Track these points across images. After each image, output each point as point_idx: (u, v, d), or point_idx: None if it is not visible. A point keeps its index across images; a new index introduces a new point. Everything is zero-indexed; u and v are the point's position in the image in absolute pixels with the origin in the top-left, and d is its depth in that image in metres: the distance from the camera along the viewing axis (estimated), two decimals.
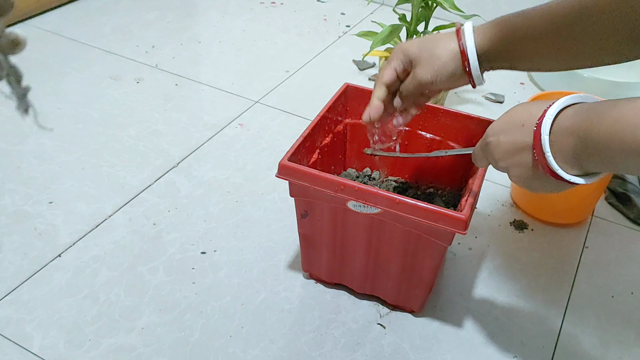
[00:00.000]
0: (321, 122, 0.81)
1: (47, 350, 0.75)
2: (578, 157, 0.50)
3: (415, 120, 0.82)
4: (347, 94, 0.86)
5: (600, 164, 0.49)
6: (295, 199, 0.76)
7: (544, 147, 0.51)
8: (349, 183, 0.69)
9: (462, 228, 0.66)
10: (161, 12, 1.57)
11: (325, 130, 0.84)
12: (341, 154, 0.91)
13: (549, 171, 0.52)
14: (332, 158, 0.87)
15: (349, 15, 1.62)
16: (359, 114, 0.82)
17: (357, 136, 0.88)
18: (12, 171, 1.02)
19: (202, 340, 0.77)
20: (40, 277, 0.84)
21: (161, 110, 1.20)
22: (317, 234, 0.78)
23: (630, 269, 0.91)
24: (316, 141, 0.82)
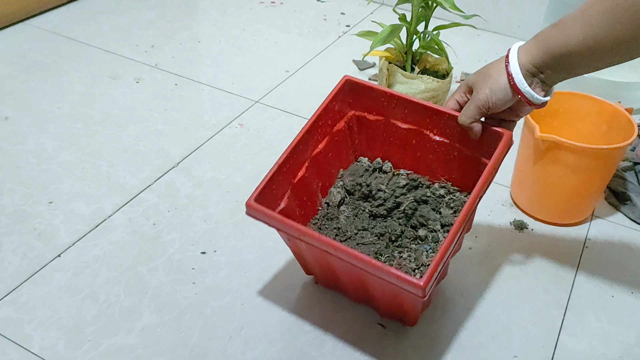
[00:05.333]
0: (312, 130, 0.78)
1: (47, 351, 0.75)
2: (540, 70, 0.65)
3: (424, 122, 0.80)
4: (347, 87, 0.83)
5: (557, 70, 0.64)
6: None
7: (514, 69, 0.65)
8: (305, 231, 0.66)
9: (421, 294, 0.61)
10: (161, 11, 1.57)
11: (320, 133, 0.80)
12: (350, 146, 0.86)
13: (518, 91, 0.66)
14: (334, 157, 0.84)
15: (349, 15, 1.62)
16: (363, 105, 0.83)
17: (366, 127, 0.85)
18: (11, 171, 1.02)
19: (202, 341, 0.77)
20: (39, 277, 0.84)
21: (161, 110, 1.20)
22: (303, 255, 0.78)
23: (630, 269, 0.91)
24: (304, 153, 0.78)
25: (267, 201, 0.72)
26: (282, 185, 0.75)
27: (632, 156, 1.07)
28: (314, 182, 0.81)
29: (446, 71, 1.13)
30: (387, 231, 0.78)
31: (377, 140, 0.85)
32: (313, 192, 0.81)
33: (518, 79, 0.65)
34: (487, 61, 1.44)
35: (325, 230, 0.80)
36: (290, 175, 0.77)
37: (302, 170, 0.78)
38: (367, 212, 0.81)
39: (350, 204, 0.83)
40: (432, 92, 1.08)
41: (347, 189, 0.83)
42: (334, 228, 0.80)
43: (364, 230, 0.79)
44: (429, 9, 1.08)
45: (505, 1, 1.52)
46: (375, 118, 0.83)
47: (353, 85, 0.82)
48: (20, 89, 1.23)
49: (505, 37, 1.54)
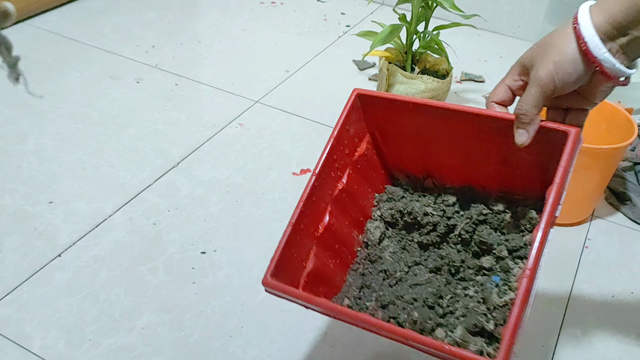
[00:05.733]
0: (325, 170, 0.65)
1: (47, 350, 0.75)
2: (622, 31, 0.50)
3: (461, 127, 0.64)
4: (359, 103, 0.68)
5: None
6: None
7: (587, 31, 0.50)
8: (340, 310, 0.55)
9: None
10: (161, 11, 1.57)
11: (337, 168, 0.67)
12: (381, 166, 0.73)
13: (593, 60, 0.50)
14: (363, 186, 0.70)
15: (349, 15, 1.62)
16: (384, 118, 0.68)
17: (394, 140, 0.70)
18: (12, 171, 1.02)
19: (202, 340, 0.77)
20: (40, 277, 0.84)
21: (161, 110, 1.20)
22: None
23: (630, 269, 0.91)
24: (322, 199, 0.65)
25: (288, 270, 0.61)
26: (303, 245, 0.64)
27: (632, 156, 1.07)
28: (343, 224, 0.68)
29: (446, 71, 1.14)
30: (445, 262, 0.65)
31: (411, 153, 0.70)
32: (346, 235, 0.69)
33: (593, 43, 0.49)
34: (487, 61, 1.45)
35: (370, 275, 0.67)
36: (310, 230, 0.64)
37: (325, 218, 0.66)
38: (416, 243, 0.68)
39: (394, 236, 0.69)
40: (432, 92, 1.08)
41: (387, 220, 0.70)
42: (380, 271, 0.66)
43: (416, 265, 0.66)
44: (429, 9, 1.09)
45: (505, 1, 1.52)
46: (402, 129, 0.68)
47: (367, 99, 0.68)
48: (20, 89, 1.23)
49: (505, 37, 1.54)
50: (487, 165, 0.64)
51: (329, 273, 0.65)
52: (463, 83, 1.34)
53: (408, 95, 1.08)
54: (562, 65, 0.51)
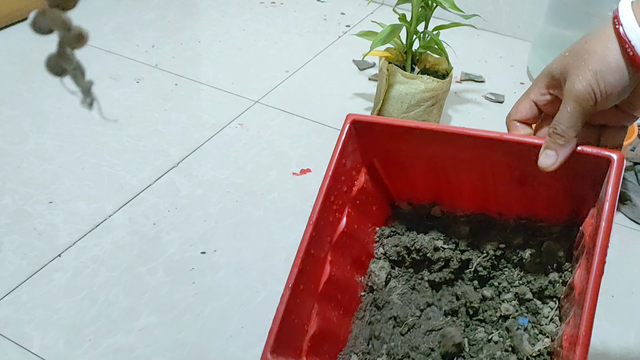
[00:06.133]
0: (321, 218, 0.56)
1: (47, 351, 0.75)
2: None
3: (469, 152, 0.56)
4: (355, 130, 0.59)
5: None
6: None
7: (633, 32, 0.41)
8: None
9: None
10: (161, 11, 1.57)
11: (335, 210, 0.58)
12: (382, 196, 0.64)
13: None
14: (364, 222, 0.62)
15: (349, 15, 1.62)
16: (383, 145, 0.59)
17: (395, 165, 0.61)
18: (12, 171, 1.02)
19: (201, 340, 0.77)
20: (39, 277, 0.84)
21: (161, 110, 1.20)
22: None
23: (630, 269, 0.91)
24: (321, 250, 0.57)
25: (290, 340, 0.54)
26: (304, 307, 0.56)
27: (632, 156, 1.07)
28: (345, 270, 0.60)
29: (446, 71, 1.13)
30: (462, 303, 0.57)
31: (415, 180, 0.62)
32: (348, 281, 0.61)
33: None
34: (487, 61, 1.45)
35: (378, 324, 0.59)
36: (311, 287, 0.56)
37: (326, 269, 0.57)
38: (427, 281, 0.60)
39: (402, 275, 0.61)
40: (432, 92, 1.08)
41: (392, 259, 0.62)
42: (389, 318, 0.59)
43: (428, 306, 0.59)
44: (429, 9, 1.08)
45: (505, 1, 1.52)
46: (404, 155, 0.60)
47: (363, 125, 0.59)
48: (21, 89, 1.23)
49: (505, 37, 1.54)
50: (504, 190, 0.56)
51: (332, 328, 0.58)
52: (463, 83, 1.34)
53: (408, 95, 1.08)
54: (605, 76, 0.42)
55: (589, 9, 1.18)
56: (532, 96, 0.49)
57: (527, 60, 1.44)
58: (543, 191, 0.54)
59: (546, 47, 1.31)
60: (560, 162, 0.46)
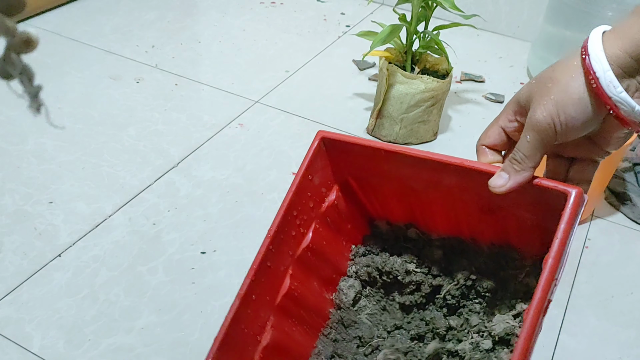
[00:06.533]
0: (282, 231, 0.55)
1: (47, 350, 0.75)
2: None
3: (440, 178, 0.54)
4: (325, 147, 0.57)
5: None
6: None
7: (598, 64, 0.39)
8: None
9: None
10: (161, 12, 1.57)
11: (299, 225, 0.58)
12: (356, 217, 0.63)
13: (605, 100, 0.40)
14: (335, 240, 0.61)
15: (349, 15, 1.62)
16: (355, 164, 0.58)
17: (371, 185, 0.60)
18: (12, 171, 1.02)
19: (202, 340, 0.77)
20: (40, 277, 0.84)
21: (161, 110, 1.20)
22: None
23: (630, 269, 0.91)
24: (280, 263, 0.56)
25: (237, 348, 0.54)
26: (256, 318, 0.55)
27: (632, 156, 1.07)
28: (310, 286, 0.59)
29: (446, 71, 1.14)
30: (430, 329, 0.57)
31: (391, 201, 0.60)
32: (314, 297, 0.60)
33: (607, 80, 0.39)
34: (487, 61, 1.45)
35: (343, 342, 0.59)
36: (265, 299, 0.56)
37: (285, 283, 0.57)
38: (397, 303, 0.60)
39: (372, 295, 0.61)
40: (432, 92, 1.09)
41: (363, 279, 0.61)
42: (354, 337, 0.58)
43: (397, 329, 0.58)
44: (429, 9, 1.08)
45: (505, 1, 1.52)
46: (378, 176, 0.58)
47: (333, 144, 0.57)
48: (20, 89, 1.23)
49: (505, 37, 1.54)
50: (475, 216, 0.55)
51: (292, 344, 0.57)
52: (463, 83, 1.35)
53: (408, 95, 1.08)
54: (566, 107, 0.40)
55: (588, 9, 1.18)
56: (500, 122, 0.47)
57: (526, 60, 1.44)
58: (511, 220, 0.53)
59: (546, 47, 1.31)
60: (511, 186, 0.44)
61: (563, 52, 0.47)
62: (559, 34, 1.27)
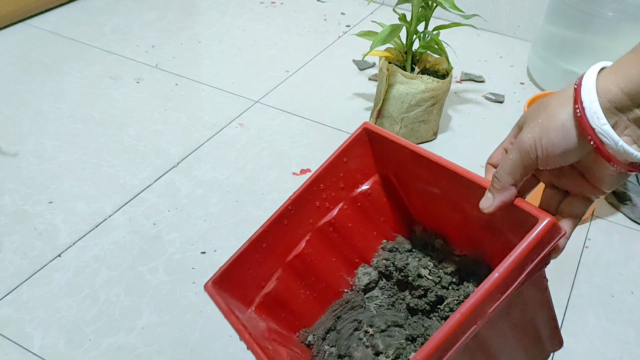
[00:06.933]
0: (307, 195, 0.60)
1: (47, 350, 0.75)
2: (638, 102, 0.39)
3: (460, 192, 0.54)
4: (366, 138, 0.60)
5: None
6: None
7: (587, 94, 0.39)
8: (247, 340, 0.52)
9: None
10: (161, 12, 1.57)
11: (326, 199, 0.61)
12: (391, 213, 0.64)
13: (587, 130, 0.39)
14: (363, 226, 0.64)
15: (349, 15, 1.62)
16: (393, 161, 0.60)
17: (409, 186, 0.61)
18: (12, 171, 1.02)
19: (203, 339, 0.77)
20: (40, 277, 0.84)
21: (161, 110, 1.20)
22: None
23: (630, 269, 0.91)
24: (300, 225, 0.61)
25: (241, 285, 0.58)
26: (264, 265, 0.60)
27: None
28: (327, 259, 0.63)
29: (446, 71, 1.14)
30: (423, 333, 0.59)
31: (421, 207, 0.62)
32: (328, 271, 0.64)
33: (591, 110, 0.39)
34: (487, 61, 1.45)
35: (344, 321, 0.62)
36: (276, 252, 0.60)
37: (300, 245, 0.61)
38: (406, 304, 0.61)
39: (387, 289, 0.63)
40: (432, 92, 1.09)
41: (381, 271, 0.64)
42: (354, 320, 0.62)
43: (396, 326, 0.60)
44: (429, 9, 1.08)
45: (505, 1, 1.52)
46: (412, 178, 0.60)
47: (375, 137, 0.60)
48: (20, 89, 1.23)
49: (505, 37, 1.54)
50: (488, 238, 0.55)
51: (295, 302, 0.61)
52: (463, 83, 1.35)
53: (408, 95, 1.08)
54: (549, 132, 0.41)
55: (589, 9, 1.18)
56: (504, 144, 0.48)
57: (527, 60, 1.44)
58: (504, 239, 0.52)
59: (546, 46, 1.31)
60: (496, 205, 0.45)
61: (563, 52, 0.46)
62: (559, 33, 1.27)
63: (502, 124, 1.22)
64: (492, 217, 0.48)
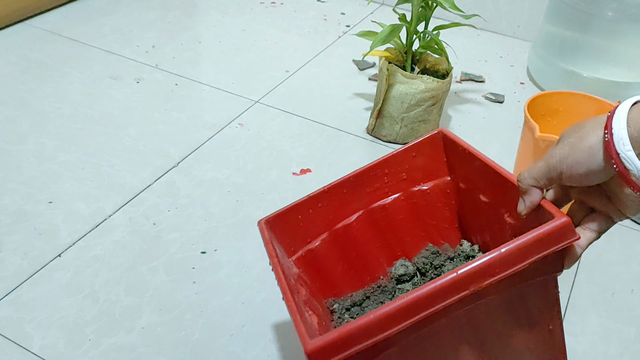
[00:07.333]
0: (368, 176, 0.63)
1: (47, 350, 0.75)
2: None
3: (502, 199, 0.59)
4: (440, 142, 0.63)
5: None
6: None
7: (617, 122, 0.42)
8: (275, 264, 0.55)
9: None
10: (161, 12, 1.57)
11: (385, 184, 0.65)
12: (448, 219, 0.68)
13: (612, 155, 0.43)
14: (414, 223, 0.68)
15: (349, 15, 1.62)
16: (462, 171, 0.63)
17: (466, 201, 0.64)
18: (12, 171, 1.02)
19: (203, 339, 0.77)
20: (40, 277, 0.84)
21: (161, 110, 1.20)
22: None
23: (631, 268, 0.91)
24: (355, 200, 0.64)
25: (290, 230, 0.61)
26: (313, 222, 0.64)
27: None
28: (371, 242, 0.68)
29: (446, 71, 1.14)
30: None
31: (474, 221, 0.66)
32: (370, 254, 0.68)
33: (618, 136, 0.42)
34: (487, 61, 1.45)
35: (371, 300, 0.66)
36: (328, 216, 0.64)
37: (351, 218, 0.65)
38: None
39: (419, 285, 0.67)
40: (432, 91, 1.09)
41: (419, 267, 0.69)
42: (380, 302, 0.66)
43: None
44: (429, 9, 1.09)
45: (505, 1, 1.52)
46: (466, 187, 0.64)
47: (448, 141, 0.63)
48: (20, 89, 1.23)
49: (505, 37, 1.55)
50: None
51: (332, 271, 0.64)
52: (463, 83, 1.35)
53: (408, 95, 1.09)
54: (576, 152, 0.44)
55: (588, 9, 1.18)
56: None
57: (527, 60, 1.44)
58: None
59: (546, 46, 1.31)
60: (528, 207, 0.50)
61: (563, 52, 0.48)
62: (559, 33, 1.27)
63: (502, 124, 1.22)
64: (524, 225, 0.52)
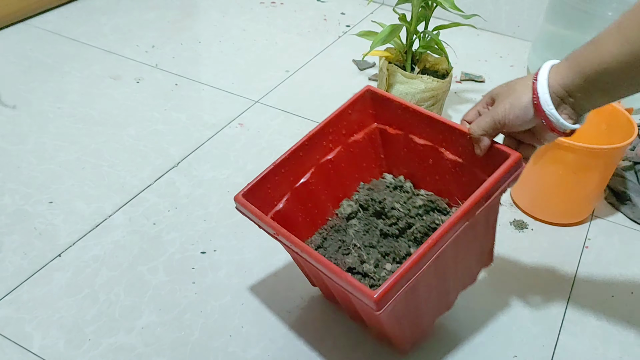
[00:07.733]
0: (318, 136, 0.75)
1: (47, 350, 0.75)
2: (570, 93, 0.58)
3: (438, 138, 0.73)
4: (367, 97, 0.78)
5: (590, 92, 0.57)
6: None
7: (541, 88, 0.59)
8: (279, 229, 0.65)
9: (375, 308, 0.56)
10: (161, 11, 1.57)
11: (330, 141, 0.77)
12: (374, 160, 0.82)
13: (541, 113, 0.60)
14: (351, 169, 0.80)
15: (349, 15, 1.62)
16: (384, 118, 0.77)
17: (389, 141, 0.79)
18: (12, 171, 1.02)
19: (202, 339, 0.77)
20: (40, 277, 0.84)
21: (161, 110, 1.20)
22: (301, 264, 0.77)
23: (630, 269, 0.91)
24: (308, 159, 0.76)
25: (260, 200, 0.70)
26: (279, 187, 0.74)
27: (632, 156, 1.07)
28: (322, 191, 0.79)
29: (446, 71, 1.14)
30: (393, 251, 0.73)
31: (400, 157, 0.80)
32: (321, 201, 0.79)
33: (543, 99, 0.59)
34: (487, 61, 1.45)
35: (330, 240, 0.77)
36: (289, 178, 0.75)
37: (306, 175, 0.76)
38: (379, 230, 0.76)
39: (363, 219, 0.78)
40: (432, 91, 1.09)
41: (361, 204, 0.79)
42: (339, 240, 0.76)
43: (371, 247, 0.75)
44: (429, 8, 1.08)
45: (505, 1, 1.52)
46: (396, 132, 0.78)
47: (374, 96, 0.78)
48: (21, 89, 1.23)
49: (505, 37, 1.54)
50: (453, 179, 0.73)
51: (295, 223, 0.75)
52: (463, 83, 1.35)
53: (408, 95, 1.08)
54: (515, 109, 0.61)
55: (588, 9, 1.18)
56: (478, 107, 0.68)
57: (527, 60, 1.44)
58: (472, 184, 0.66)
59: (546, 46, 1.31)
60: (483, 149, 0.66)
61: (564, 52, 0.60)
62: (559, 33, 1.27)
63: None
64: (463, 160, 0.71)
